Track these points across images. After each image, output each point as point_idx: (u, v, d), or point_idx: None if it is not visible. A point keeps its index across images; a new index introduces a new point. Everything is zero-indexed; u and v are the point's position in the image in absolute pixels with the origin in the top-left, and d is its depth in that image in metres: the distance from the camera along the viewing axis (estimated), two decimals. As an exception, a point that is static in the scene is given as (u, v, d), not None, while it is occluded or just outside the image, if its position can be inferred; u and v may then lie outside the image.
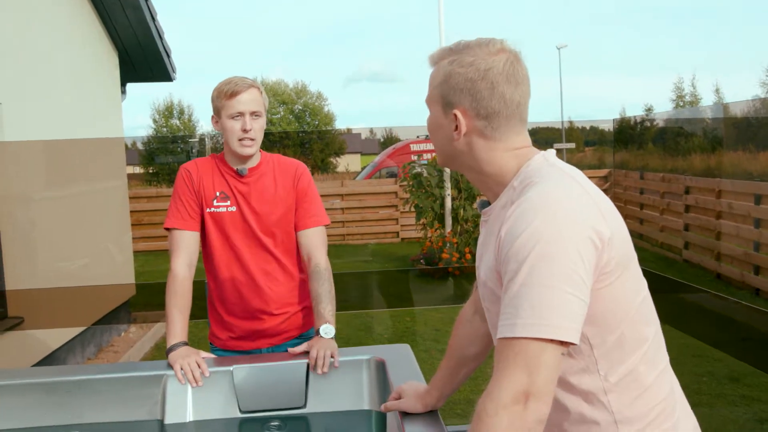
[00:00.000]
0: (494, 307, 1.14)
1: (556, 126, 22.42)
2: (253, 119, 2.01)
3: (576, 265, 1.01)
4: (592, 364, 1.12)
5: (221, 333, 2.20)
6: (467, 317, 1.49)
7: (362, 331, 5.90)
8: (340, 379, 1.91)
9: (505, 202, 1.15)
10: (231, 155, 2.09)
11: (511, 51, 1.16)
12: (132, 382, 1.86)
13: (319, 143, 30.32)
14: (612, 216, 1.10)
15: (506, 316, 1.03)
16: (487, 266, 1.16)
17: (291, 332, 2.20)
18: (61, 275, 4.99)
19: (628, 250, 1.12)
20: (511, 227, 1.06)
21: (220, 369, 1.90)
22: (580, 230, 1.03)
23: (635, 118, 18.50)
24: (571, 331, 1.01)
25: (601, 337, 1.11)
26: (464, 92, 1.14)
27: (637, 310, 1.13)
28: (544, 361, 0.99)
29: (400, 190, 10.70)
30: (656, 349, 1.17)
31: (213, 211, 2.08)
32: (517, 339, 1.00)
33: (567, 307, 1.00)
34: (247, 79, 2.02)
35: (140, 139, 25.30)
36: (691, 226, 8.43)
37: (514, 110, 1.15)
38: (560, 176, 1.11)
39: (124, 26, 6.11)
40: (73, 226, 5.19)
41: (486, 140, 1.16)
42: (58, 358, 4.74)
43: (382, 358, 1.91)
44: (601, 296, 1.07)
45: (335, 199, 11.39)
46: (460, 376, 1.50)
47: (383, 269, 9.29)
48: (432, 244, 8.54)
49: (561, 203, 1.05)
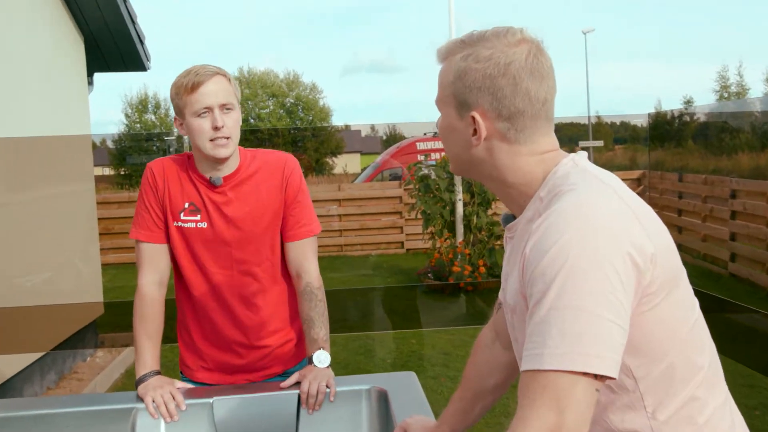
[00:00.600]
0: (523, 337, 1.12)
1: (581, 121, 22.44)
2: (225, 113, 1.88)
3: (613, 286, 0.99)
4: (637, 399, 1.10)
5: (192, 361, 2.12)
6: (486, 343, 1.48)
7: (362, 355, 5.88)
8: (336, 413, 1.90)
9: (532, 215, 1.14)
10: (203, 161, 1.96)
11: (532, 41, 1.15)
12: (97, 417, 1.85)
13: (313, 141, 30.43)
14: (655, 228, 1.09)
15: (532, 344, 1.01)
16: (513, 289, 1.15)
17: (274, 368, 2.11)
18: (18, 292, 4.97)
19: (675, 267, 1.10)
20: (538, 242, 1.05)
21: (199, 401, 1.88)
22: (618, 245, 1.01)
23: (672, 112, 18.52)
24: (609, 362, 0.98)
25: (647, 368, 1.09)
26: (483, 91, 1.13)
27: (689, 334, 1.11)
28: (575, 398, 0.97)
29: (405, 194, 10.71)
30: (713, 379, 1.15)
31: (180, 225, 1.98)
32: (544, 372, 0.98)
33: (603, 334, 0.98)
34: (210, 66, 1.91)
35: (110, 136, 25.40)
36: (739, 235, 8.40)
37: (540, 108, 1.14)
38: (593, 183, 1.10)
39: (91, 8, 6.12)
40: (32, 236, 5.18)
41: (509, 144, 1.15)
42: (12, 388, 4.72)
43: (384, 389, 1.90)
44: (645, 321, 1.06)
45: (332, 205, 11.40)
46: (475, 411, 1.48)
47: (386, 285, 9.28)
48: (441, 256, 8.53)
49: (595, 214, 1.04)
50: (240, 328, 2.06)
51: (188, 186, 1.99)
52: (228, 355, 2.08)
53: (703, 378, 1.12)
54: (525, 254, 1.08)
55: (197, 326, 2.09)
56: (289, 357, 2.14)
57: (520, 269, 1.10)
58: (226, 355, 2.08)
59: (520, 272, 1.10)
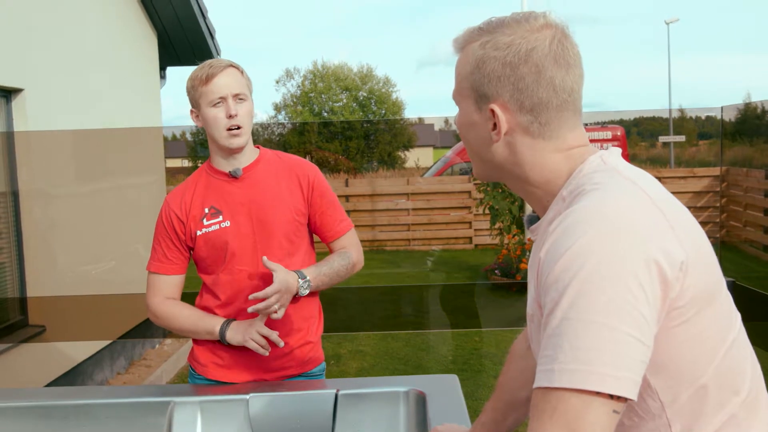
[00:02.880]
0: (539, 348, 1.05)
1: (663, 115, 21.67)
2: (238, 103, 1.96)
3: (635, 296, 0.89)
4: (663, 426, 0.99)
5: (205, 357, 2.11)
6: (520, 353, 1.41)
7: (423, 351, 5.85)
8: (372, 413, 1.88)
9: (553, 216, 1.06)
10: (219, 154, 2.03)
11: (557, 26, 1.06)
12: (135, 409, 1.87)
13: (386, 135, 30.45)
14: (690, 234, 0.98)
15: (544, 360, 0.93)
16: (531, 296, 1.07)
17: (291, 370, 2.10)
18: (87, 281, 5.15)
19: (711, 279, 0.99)
20: (553, 246, 0.96)
21: (234, 397, 1.88)
22: (643, 250, 0.91)
23: (762, 104, 17.64)
24: (626, 381, 0.89)
25: (675, 391, 0.98)
26: (502, 81, 1.05)
27: (726, 354, 1.00)
28: (589, 421, 0.88)
29: (474, 189, 10.57)
30: (754, 404, 1.03)
31: (205, 232, 2.03)
32: (555, 390, 0.90)
33: (620, 350, 0.89)
34: (223, 59, 1.99)
35: (189, 129, 26.09)
36: (829, 236, 7.94)
37: (566, 99, 1.05)
38: (620, 182, 1.01)
39: (164, 3, 6.27)
40: (102, 225, 5.35)
41: (532, 139, 1.07)
42: (83, 372, 4.89)
43: (423, 392, 1.86)
44: (673, 337, 0.95)
45: (400, 199, 11.37)
46: (508, 422, 1.42)
47: (450, 282, 9.19)
48: (509, 253, 8.39)
49: (617, 215, 0.94)
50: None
51: (207, 190, 2.05)
52: (247, 352, 2.05)
53: (742, 404, 1.01)
54: (540, 258, 1.00)
55: None
56: (306, 360, 2.12)
57: (536, 275, 1.02)
58: (244, 350, 2.05)
59: (536, 278, 1.02)
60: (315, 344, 2.15)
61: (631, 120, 16.96)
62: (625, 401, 0.90)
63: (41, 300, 4.48)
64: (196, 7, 6.45)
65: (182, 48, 6.95)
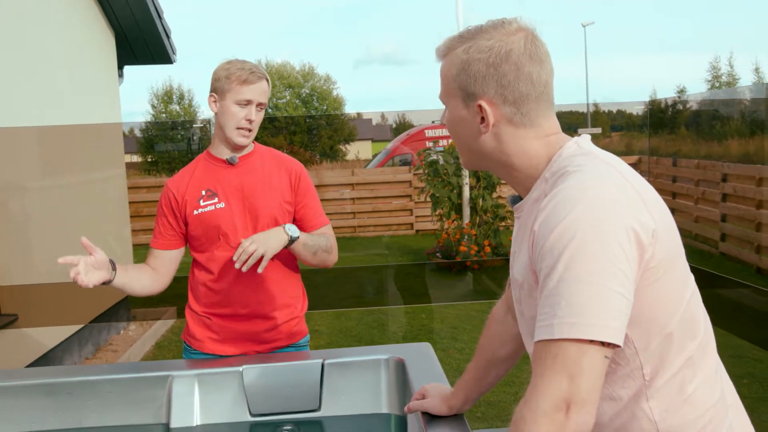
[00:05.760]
0: (530, 311, 1.12)
1: (580, 110, 22.25)
2: (258, 111, 2.05)
3: (618, 259, 0.99)
4: (636, 368, 1.09)
5: (200, 333, 2.13)
6: (499, 317, 1.47)
7: (375, 329, 5.90)
8: (357, 380, 1.91)
9: (538, 195, 1.13)
10: (222, 144, 2.08)
11: (527, 29, 1.14)
12: (136, 384, 1.87)
13: (327, 129, 30.29)
14: (657, 206, 1.08)
15: (543, 316, 1.01)
16: (522, 265, 1.14)
17: (280, 342, 2.15)
18: (56, 270, 5.00)
19: (675, 244, 1.10)
20: (546, 220, 1.04)
21: (229, 369, 1.90)
22: (622, 222, 1.01)
23: (667, 100, 18.32)
24: (615, 331, 0.98)
25: (647, 339, 1.08)
26: (487, 79, 1.12)
27: (686, 308, 1.10)
28: (585, 365, 0.96)
29: (415, 179, 10.68)
30: (704, 350, 1.14)
31: (200, 212, 2.06)
32: (555, 341, 0.98)
33: (609, 305, 0.98)
34: (260, 68, 2.06)
35: (138, 125, 25.41)
36: (729, 216, 8.34)
37: (543, 91, 1.14)
38: (597, 164, 1.09)
39: (121, 5, 6.11)
40: (69, 217, 5.21)
41: (516, 128, 1.14)
42: (54, 358, 4.77)
43: (402, 358, 1.90)
44: (646, 294, 1.05)
45: (345, 189, 11.38)
46: (488, 379, 1.48)
47: (397, 263, 9.29)
48: (449, 237, 8.52)
49: (600, 193, 1.03)
50: (253, 298, 2.09)
51: (204, 174, 2.09)
52: (241, 324, 2.10)
53: (696, 349, 1.12)
54: (534, 231, 1.07)
55: (212, 299, 2.11)
56: (293, 332, 2.18)
57: (529, 245, 1.09)
58: (238, 323, 2.10)
59: (529, 248, 1.09)
60: (300, 318, 2.20)
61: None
62: (614, 347, 0.99)
63: (13, 289, 4.35)
64: (152, 8, 6.31)
65: (139, 48, 6.79)
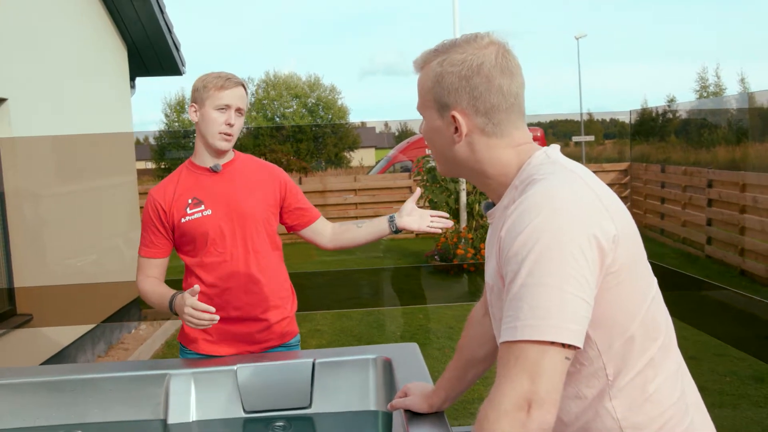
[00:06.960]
0: (500, 313, 1.12)
1: (574, 118, 22.24)
2: (237, 116, 2.05)
3: (579, 265, 0.99)
4: (600, 369, 1.09)
5: (194, 334, 2.12)
6: (477, 318, 1.48)
7: (375, 329, 5.90)
8: (346, 379, 1.91)
9: (508, 202, 1.14)
10: (205, 151, 2.09)
11: (499, 43, 1.15)
12: (135, 381, 1.88)
13: (332, 137, 30.31)
14: (619, 214, 1.08)
15: (507, 319, 1.01)
16: (492, 269, 1.15)
17: (272, 341, 2.15)
18: (70, 272, 5.04)
19: (636, 250, 1.10)
20: (511, 226, 1.04)
21: (224, 368, 1.91)
22: (584, 228, 1.01)
23: (656, 109, 18.29)
24: (574, 333, 0.98)
25: (609, 341, 1.08)
26: (460, 91, 1.13)
27: (647, 311, 1.10)
28: (545, 366, 0.97)
29: (414, 184, 10.69)
30: (666, 351, 1.14)
31: (188, 219, 2.04)
32: (517, 342, 0.98)
33: (569, 308, 0.98)
34: (236, 76, 2.07)
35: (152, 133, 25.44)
36: (714, 220, 8.33)
37: (513, 102, 1.14)
38: (562, 173, 1.10)
39: (133, 20, 6.15)
40: (82, 222, 5.24)
41: (488, 137, 1.15)
42: (67, 356, 4.79)
43: (389, 358, 1.91)
44: (607, 298, 1.05)
45: (348, 194, 11.40)
46: (468, 378, 1.49)
47: (397, 265, 9.29)
48: (446, 240, 8.52)
49: (563, 200, 1.03)
50: (245, 300, 2.08)
51: (189, 183, 2.08)
52: (233, 326, 2.08)
53: (657, 350, 1.12)
54: (500, 237, 1.07)
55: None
56: (284, 332, 2.18)
57: (497, 251, 1.09)
58: (231, 326, 2.08)
59: (497, 254, 1.10)
60: (291, 318, 2.21)
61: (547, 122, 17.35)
62: (574, 349, 0.99)
63: (28, 290, 4.38)
64: (162, 23, 6.35)
65: (150, 60, 6.83)
